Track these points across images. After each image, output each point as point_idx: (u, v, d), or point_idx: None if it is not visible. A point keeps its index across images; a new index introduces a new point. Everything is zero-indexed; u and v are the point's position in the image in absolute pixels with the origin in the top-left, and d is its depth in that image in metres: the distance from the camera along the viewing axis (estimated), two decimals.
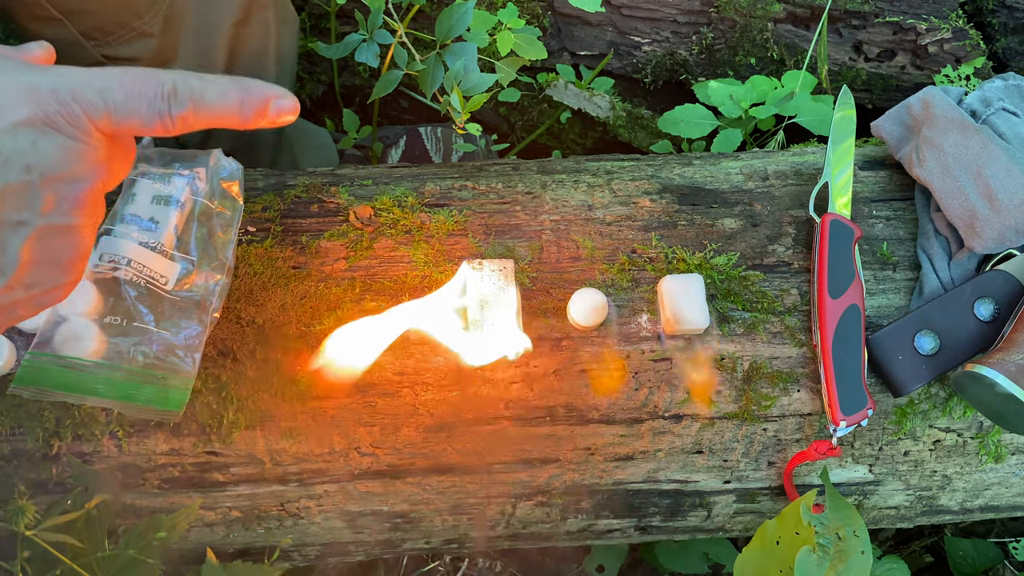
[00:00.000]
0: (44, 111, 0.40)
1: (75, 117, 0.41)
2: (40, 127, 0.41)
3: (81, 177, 0.43)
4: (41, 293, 0.45)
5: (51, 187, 0.42)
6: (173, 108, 0.43)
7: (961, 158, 0.68)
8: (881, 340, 0.66)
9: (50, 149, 0.41)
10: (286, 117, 0.46)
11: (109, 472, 0.63)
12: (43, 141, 0.41)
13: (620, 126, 1.08)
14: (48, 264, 0.43)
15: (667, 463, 0.67)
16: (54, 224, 0.42)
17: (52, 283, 0.45)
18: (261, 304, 0.66)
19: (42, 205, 0.42)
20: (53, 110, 0.41)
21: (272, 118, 0.45)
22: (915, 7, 1.01)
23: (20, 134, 0.40)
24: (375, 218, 0.70)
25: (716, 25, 1.04)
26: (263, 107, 0.45)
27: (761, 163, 0.76)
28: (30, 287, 0.44)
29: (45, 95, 0.41)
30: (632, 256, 0.69)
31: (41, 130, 0.41)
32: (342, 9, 1.02)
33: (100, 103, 0.41)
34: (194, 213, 0.64)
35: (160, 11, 0.75)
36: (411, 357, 0.65)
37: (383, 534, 0.69)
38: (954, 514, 0.74)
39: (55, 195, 0.42)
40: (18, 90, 0.40)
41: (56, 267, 0.44)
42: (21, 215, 0.41)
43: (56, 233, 0.43)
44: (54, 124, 0.41)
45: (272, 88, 0.45)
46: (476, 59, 0.78)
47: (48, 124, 0.41)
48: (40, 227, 0.42)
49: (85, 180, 0.43)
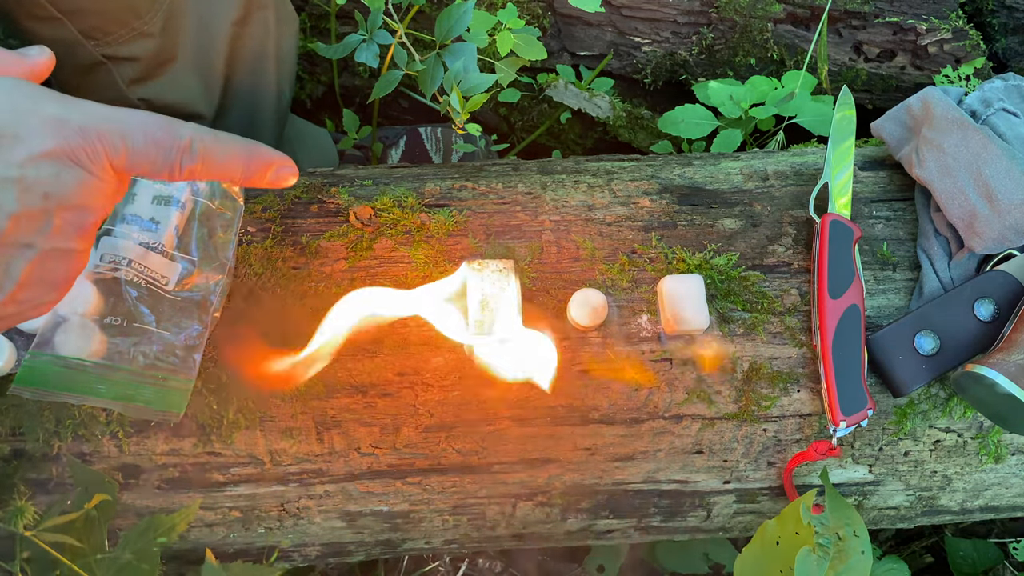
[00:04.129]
0: (69, 145, 0.42)
1: (96, 154, 0.43)
2: (64, 160, 0.42)
3: (92, 208, 0.45)
4: (29, 309, 0.46)
5: (63, 216, 0.44)
6: (185, 161, 0.45)
7: (961, 158, 0.68)
8: (881, 340, 0.66)
9: (69, 181, 0.43)
10: (286, 182, 0.49)
11: (109, 472, 0.63)
12: (64, 173, 0.43)
13: (620, 126, 1.08)
14: (43, 284, 0.46)
15: (667, 463, 0.67)
16: (58, 249, 0.45)
17: (41, 301, 0.47)
18: (261, 304, 0.66)
19: (51, 231, 0.44)
20: (77, 145, 0.43)
21: (271, 182, 0.49)
22: (915, 7, 1.01)
23: (44, 165, 0.42)
24: (375, 218, 0.70)
25: (716, 25, 1.04)
26: (265, 171, 0.48)
27: (761, 163, 0.76)
28: (21, 303, 0.45)
29: (72, 131, 0.42)
30: (632, 256, 0.69)
31: (64, 163, 0.42)
32: (342, 9, 1.02)
33: (121, 145, 0.44)
34: (195, 213, 0.64)
35: (160, 11, 0.75)
36: (411, 357, 0.65)
37: (383, 534, 0.69)
38: (954, 514, 0.74)
39: (64, 223, 0.44)
40: (46, 122, 0.42)
41: (49, 287, 0.46)
42: (30, 239, 0.43)
43: (58, 257, 0.45)
44: (76, 159, 0.43)
45: (277, 155, 0.48)
46: (476, 59, 0.78)
47: (71, 158, 0.43)
48: (45, 251, 0.44)
49: (94, 211, 0.45)
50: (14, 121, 0.42)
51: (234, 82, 0.87)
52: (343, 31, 1.06)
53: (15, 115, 0.42)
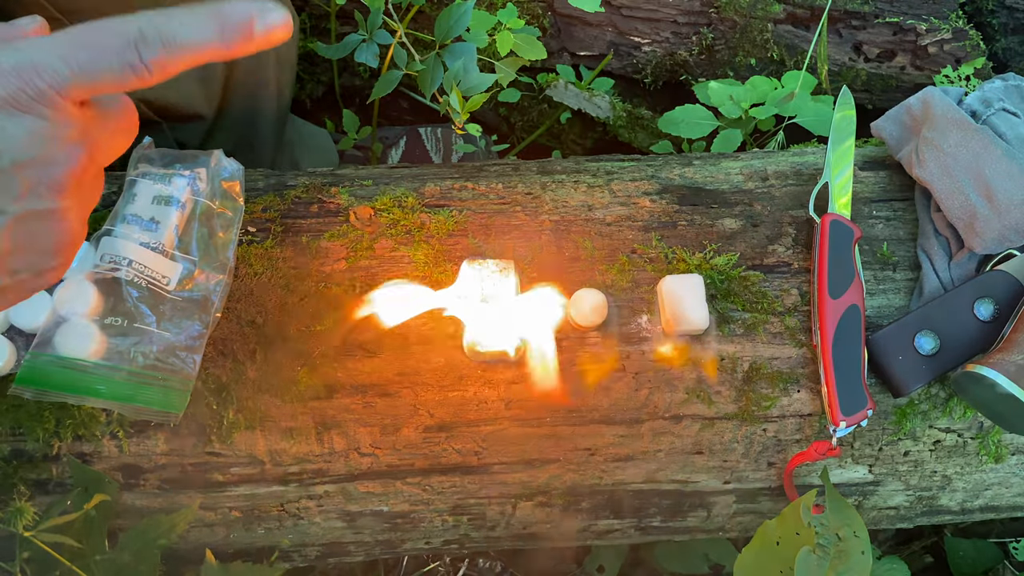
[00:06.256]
0: (7, 91, 0.37)
1: (41, 93, 0.38)
2: (6, 110, 0.37)
3: (56, 159, 0.40)
4: (30, 278, 0.43)
5: (25, 173, 0.39)
6: (144, 54, 0.38)
7: (961, 158, 0.68)
8: (881, 340, 0.66)
9: (18, 132, 0.38)
10: (278, 34, 0.39)
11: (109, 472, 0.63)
12: (10, 125, 0.37)
13: (620, 126, 1.08)
14: (32, 250, 0.41)
15: (667, 463, 0.67)
16: (33, 210, 0.40)
17: (39, 268, 0.42)
18: (261, 304, 0.66)
19: (17, 192, 0.39)
20: (16, 87, 0.37)
21: (261, 38, 0.39)
22: (915, 7, 1.01)
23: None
24: (375, 218, 0.70)
25: (716, 25, 1.04)
26: (246, 28, 0.39)
27: (761, 163, 0.76)
28: (15, 273, 0.42)
29: (6, 74, 0.37)
30: (632, 256, 0.69)
31: (7, 113, 0.37)
32: (342, 9, 1.02)
33: (65, 71, 0.38)
34: (195, 213, 0.64)
35: None
36: (411, 357, 0.65)
37: (383, 534, 0.69)
38: (954, 514, 0.74)
39: (30, 180, 0.39)
40: None
41: (42, 252, 0.42)
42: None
43: (36, 218, 0.40)
44: (20, 105, 0.37)
45: (251, 3, 0.39)
46: (476, 59, 0.78)
47: (13, 105, 0.37)
48: (17, 215, 0.39)
49: (61, 162, 0.40)
50: None
51: (234, 82, 0.87)
52: (343, 31, 1.06)
53: None
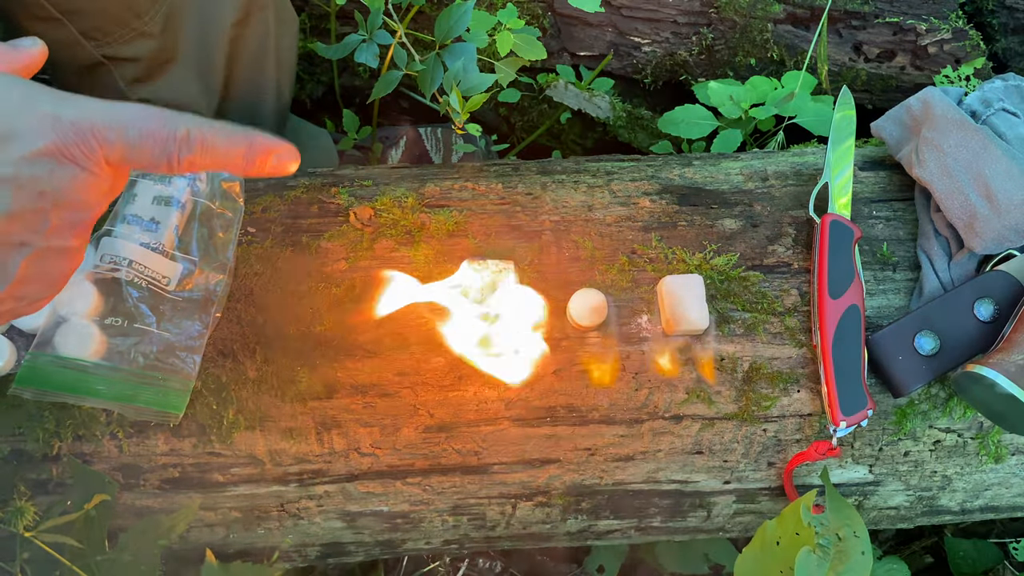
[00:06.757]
0: (64, 142, 0.42)
1: (91, 150, 0.43)
2: (58, 157, 0.42)
3: (88, 205, 0.45)
4: (25, 305, 0.46)
5: (58, 214, 0.43)
6: (183, 152, 0.44)
7: (961, 158, 0.68)
8: (881, 340, 0.66)
9: (65, 178, 0.42)
10: (287, 169, 0.48)
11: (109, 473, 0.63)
12: (59, 171, 0.42)
13: (620, 127, 1.08)
14: (39, 281, 0.45)
15: (667, 463, 0.67)
16: (54, 246, 0.44)
17: (38, 296, 0.46)
18: (261, 304, 0.66)
19: (47, 229, 0.43)
20: (72, 142, 0.42)
21: (272, 169, 0.47)
22: (915, 7, 1.01)
23: (38, 163, 0.41)
24: (375, 219, 0.70)
25: (716, 26, 1.04)
26: (266, 158, 0.47)
27: (761, 163, 0.76)
28: (18, 300, 0.45)
29: (66, 127, 0.42)
30: (632, 257, 0.69)
31: (59, 160, 0.42)
32: (342, 9, 1.02)
33: (116, 140, 0.43)
34: (195, 214, 0.64)
35: (160, 11, 0.75)
36: (411, 357, 0.65)
37: (383, 534, 0.69)
38: (954, 514, 0.74)
39: (60, 221, 0.44)
40: (41, 119, 0.42)
41: (46, 283, 0.46)
42: (26, 237, 0.43)
43: (54, 255, 0.45)
44: (71, 156, 0.42)
45: (278, 141, 0.47)
46: (475, 59, 0.78)
47: (65, 155, 0.42)
48: (40, 249, 0.44)
49: (91, 208, 0.45)
50: (8, 119, 0.41)
51: (234, 83, 0.87)
52: (343, 31, 1.06)
53: (9, 113, 0.41)
